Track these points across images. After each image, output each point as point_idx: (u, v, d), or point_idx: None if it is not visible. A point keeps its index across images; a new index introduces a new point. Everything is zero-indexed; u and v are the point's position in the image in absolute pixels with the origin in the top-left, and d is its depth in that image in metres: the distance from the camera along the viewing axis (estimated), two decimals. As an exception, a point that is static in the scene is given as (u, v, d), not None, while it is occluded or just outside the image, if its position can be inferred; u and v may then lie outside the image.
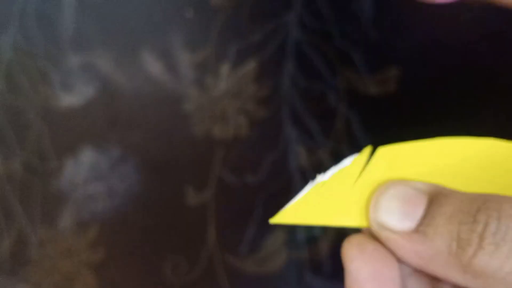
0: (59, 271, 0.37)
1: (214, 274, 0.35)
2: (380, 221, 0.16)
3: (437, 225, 0.15)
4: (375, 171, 0.17)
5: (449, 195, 0.15)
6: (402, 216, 0.15)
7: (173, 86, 0.40)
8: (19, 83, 0.42)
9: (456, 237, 0.14)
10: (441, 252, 0.15)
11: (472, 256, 0.14)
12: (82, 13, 0.44)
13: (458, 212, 0.14)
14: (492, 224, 0.14)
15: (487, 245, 0.14)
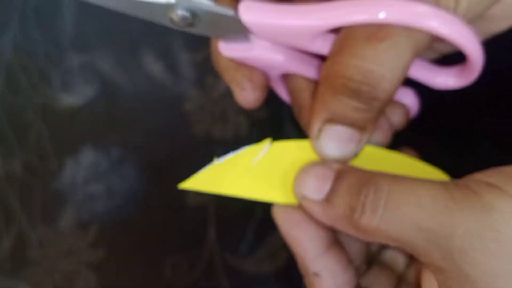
0: (59, 271, 0.37)
1: (214, 274, 0.35)
2: (302, 193, 0.21)
3: (338, 196, 0.20)
4: (266, 161, 0.23)
5: (348, 172, 0.20)
6: (316, 190, 0.21)
7: (173, 86, 0.40)
8: (19, 83, 0.42)
9: (349, 206, 0.19)
10: (341, 216, 0.20)
11: (358, 219, 0.19)
12: (83, 13, 0.44)
13: (351, 186, 0.20)
14: (370, 196, 0.19)
15: (367, 211, 0.19)
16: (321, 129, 0.21)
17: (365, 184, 0.19)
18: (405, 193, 0.18)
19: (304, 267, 0.22)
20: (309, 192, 0.21)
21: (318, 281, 0.22)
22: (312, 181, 0.21)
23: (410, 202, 0.18)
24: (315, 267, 0.22)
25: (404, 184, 0.19)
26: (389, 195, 0.19)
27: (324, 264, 0.22)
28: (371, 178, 0.19)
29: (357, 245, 0.24)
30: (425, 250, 0.18)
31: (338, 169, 0.21)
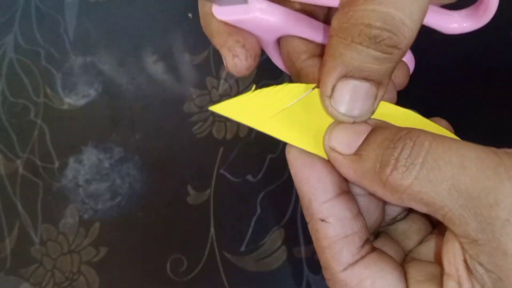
0: (60, 270, 0.37)
1: (214, 273, 0.35)
2: (332, 146, 0.19)
3: (369, 150, 0.18)
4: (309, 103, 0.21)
5: (385, 127, 0.19)
6: (347, 143, 0.19)
7: (174, 87, 0.40)
8: (20, 84, 0.42)
9: (380, 159, 0.17)
10: (369, 171, 0.18)
11: (389, 175, 0.17)
12: (84, 15, 0.44)
13: (385, 140, 0.18)
14: (406, 150, 0.17)
15: (400, 167, 0.17)
16: (335, 86, 0.19)
17: (402, 137, 0.17)
18: (449, 152, 0.17)
19: (310, 211, 0.20)
20: (339, 144, 0.19)
21: (324, 227, 0.20)
22: (344, 133, 0.19)
23: (453, 162, 0.16)
24: (323, 212, 0.20)
25: (448, 143, 0.17)
26: (429, 151, 0.17)
27: (333, 210, 0.20)
28: (411, 131, 0.18)
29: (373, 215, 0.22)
30: (461, 218, 0.16)
31: (375, 124, 0.19)
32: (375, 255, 0.20)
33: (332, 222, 0.20)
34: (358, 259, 0.20)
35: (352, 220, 0.20)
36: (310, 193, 0.20)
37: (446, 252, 0.18)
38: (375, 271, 0.20)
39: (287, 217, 0.36)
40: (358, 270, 0.20)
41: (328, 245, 0.20)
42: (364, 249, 0.20)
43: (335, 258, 0.20)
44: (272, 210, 0.36)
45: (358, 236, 0.20)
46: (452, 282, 0.17)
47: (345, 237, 0.20)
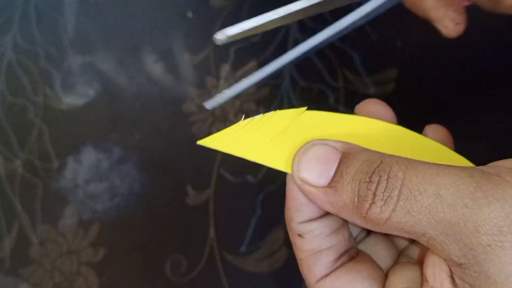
0: (59, 270, 0.37)
1: (214, 274, 0.35)
2: (302, 178, 0.19)
3: (344, 182, 0.18)
4: (300, 128, 0.21)
5: (355, 154, 0.18)
6: (318, 174, 0.19)
7: (174, 87, 0.40)
8: (20, 84, 0.42)
9: (357, 194, 0.17)
10: (348, 205, 0.18)
11: (368, 209, 0.17)
12: (83, 14, 0.44)
13: (359, 172, 0.17)
14: (382, 184, 0.17)
15: (378, 201, 0.17)
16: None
17: (376, 170, 0.17)
18: (423, 181, 0.16)
19: (289, 226, 0.21)
20: (310, 175, 0.19)
21: (300, 241, 0.20)
22: (313, 163, 0.19)
23: (429, 192, 0.16)
24: (300, 229, 0.20)
25: (422, 171, 0.17)
26: (404, 183, 0.17)
27: (310, 228, 0.20)
28: (383, 163, 0.17)
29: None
30: (443, 245, 0.16)
31: (344, 150, 0.19)
32: (351, 264, 0.21)
33: (307, 238, 0.20)
34: (331, 271, 0.20)
35: (329, 236, 0.21)
36: (293, 211, 0.21)
37: (431, 265, 0.18)
38: (346, 281, 0.20)
39: (287, 218, 0.36)
40: (330, 281, 0.20)
41: (304, 258, 0.21)
42: (340, 261, 0.21)
43: (309, 270, 0.21)
44: (272, 210, 0.36)
45: (334, 249, 0.21)
46: None
47: (319, 251, 0.20)
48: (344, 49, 0.39)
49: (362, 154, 0.18)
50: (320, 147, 0.19)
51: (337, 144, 0.19)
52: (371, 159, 0.18)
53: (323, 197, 0.19)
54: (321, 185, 0.18)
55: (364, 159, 0.18)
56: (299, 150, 0.20)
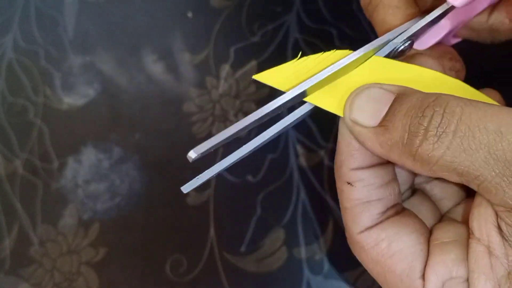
0: (59, 270, 0.37)
1: (214, 273, 0.35)
2: (353, 118, 0.18)
3: (395, 120, 0.17)
4: (357, 71, 0.20)
5: (410, 94, 0.17)
6: (370, 115, 0.18)
7: (174, 87, 0.40)
8: (20, 84, 0.42)
9: (408, 130, 0.16)
10: (397, 143, 0.17)
11: (419, 146, 0.16)
12: (83, 14, 0.44)
13: (412, 108, 0.16)
14: (436, 118, 0.16)
15: (430, 137, 0.16)
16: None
17: (431, 104, 0.16)
18: (483, 118, 0.15)
19: (339, 172, 0.20)
20: (362, 116, 0.18)
21: (349, 190, 0.19)
22: (366, 104, 0.18)
23: (489, 128, 0.15)
24: (351, 176, 0.19)
25: (482, 108, 0.16)
26: (461, 119, 0.15)
27: (361, 176, 0.19)
28: (439, 97, 0.16)
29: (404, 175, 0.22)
30: (498, 187, 0.15)
31: (399, 91, 0.18)
32: (397, 218, 0.20)
33: (357, 187, 0.19)
34: (377, 223, 0.20)
35: (379, 187, 0.20)
36: (345, 156, 0.20)
37: (477, 217, 0.17)
38: (392, 234, 0.19)
39: (287, 217, 0.36)
40: (375, 232, 0.19)
41: (350, 207, 0.20)
42: (387, 214, 0.20)
43: (354, 220, 0.20)
44: (272, 210, 0.36)
45: (383, 202, 0.20)
46: (482, 246, 0.17)
47: (367, 202, 0.20)
48: (344, 49, 0.39)
49: (417, 93, 0.17)
50: (374, 89, 0.18)
51: (391, 87, 0.18)
52: (425, 95, 0.17)
53: (373, 136, 0.18)
54: (372, 124, 0.18)
55: (418, 96, 0.17)
56: (353, 92, 0.19)
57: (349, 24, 0.39)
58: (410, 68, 0.21)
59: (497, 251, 0.16)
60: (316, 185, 0.36)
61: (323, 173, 0.36)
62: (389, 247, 0.19)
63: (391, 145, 0.17)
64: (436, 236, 0.19)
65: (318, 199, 0.36)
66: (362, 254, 0.20)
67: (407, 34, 0.22)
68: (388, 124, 0.17)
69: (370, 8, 0.26)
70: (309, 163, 0.37)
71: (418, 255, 0.19)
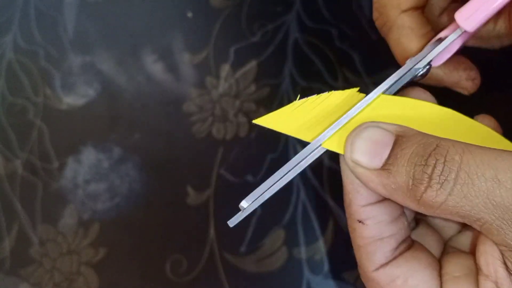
0: (59, 270, 0.37)
1: (214, 273, 0.35)
2: (354, 160, 0.19)
3: (398, 165, 0.18)
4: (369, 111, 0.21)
5: (410, 137, 0.18)
6: (372, 156, 0.18)
7: (174, 86, 0.40)
8: (20, 84, 0.42)
9: (412, 176, 0.17)
10: (401, 187, 0.18)
11: (423, 192, 0.17)
12: (83, 14, 0.44)
13: (414, 155, 0.17)
14: (438, 167, 0.17)
15: (434, 184, 0.17)
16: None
17: (433, 153, 0.17)
18: (481, 165, 0.16)
19: (349, 211, 0.20)
20: (363, 158, 0.19)
21: (361, 228, 0.20)
22: (367, 145, 0.19)
23: (487, 176, 0.16)
24: (361, 214, 0.20)
25: (479, 155, 0.16)
26: (461, 167, 0.16)
27: (372, 213, 0.20)
28: (439, 146, 0.17)
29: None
30: (499, 229, 0.16)
31: (398, 133, 0.19)
32: (409, 253, 0.20)
33: (369, 224, 0.20)
34: (391, 260, 0.20)
35: (390, 223, 0.20)
36: (352, 194, 0.20)
37: (484, 254, 0.18)
38: (407, 270, 0.20)
39: (287, 217, 0.36)
40: (390, 270, 0.20)
41: (363, 245, 0.20)
42: (399, 249, 0.20)
43: (368, 258, 0.20)
44: (272, 210, 0.36)
45: (395, 238, 0.20)
46: (490, 283, 0.18)
47: (380, 239, 0.20)
48: (344, 49, 0.39)
49: (417, 137, 0.18)
50: (374, 130, 0.19)
51: (390, 127, 0.19)
52: (426, 142, 0.18)
53: (376, 179, 0.18)
54: (374, 167, 0.18)
55: (419, 142, 0.18)
56: (352, 132, 0.20)
57: (349, 24, 0.39)
58: (402, 101, 0.21)
59: (505, 286, 0.17)
60: (316, 185, 0.36)
61: (323, 173, 0.36)
62: (405, 283, 0.20)
63: (395, 188, 0.18)
64: (447, 270, 0.20)
65: (318, 199, 0.36)
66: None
67: (426, 61, 0.23)
68: (391, 169, 0.18)
69: (385, 29, 0.26)
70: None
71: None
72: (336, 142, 0.20)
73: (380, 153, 0.18)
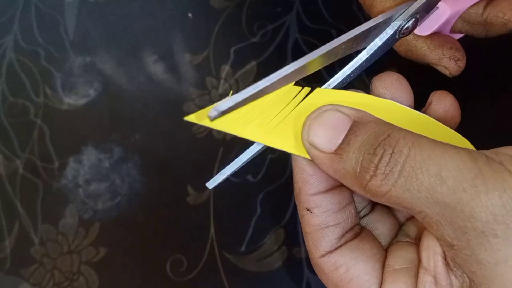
0: (60, 270, 0.37)
1: (214, 273, 0.35)
2: (310, 141, 0.19)
3: (349, 151, 0.18)
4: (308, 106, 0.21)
5: (366, 124, 0.18)
6: (327, 140, 0.19)
7: (174, 87, 0.40)
8: (20, 84, 0.42)
9: (360, 164, 0.18)
10: (350, 173, 0.18)
11: (369, 181, 0.17)
12: (84, 15, 0.44)
13: (365, 143, 0.18)
14: (385, 158, 0.17)
15: (379, 174, 0.17)
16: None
17: (382, 143, 0.17)
18: (427, 161, 0.16)
19: (298, 199, 0.21)
20: (319, 140, 0.19)
21: (308, 216, 0.21)
22: (324, 129, 0.19)
23: (431, 171, 0.16)
24: (309, 203, 0.21)
25: (427, 150, 0.17)
26: (407, 160, 0.17)
27: (319, 202, 0.21)
28: (390, 136, 0.17)
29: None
30: (439, 225, 0.16)
31: (356, 118, 0.19)
32: (355, 243, 0.21)
33: (316, 213, 0.21)
34: (336, 248, 0.21)
35: (337, 212, 0.21)
36: (301, 183, 0.21)
37: (426, 247, 0.18)
38: (350, 260, 0.20)
39: (287, 217, 0.36)
40: (334, 258, 0.21)
41: (310, 232, 0.21)
42: (345, 238, 0.21)
43: (315, 245, 0.21)
44: (272, 210, 0.36)
45: (341, 226, 0.21)
46: (429, 276, 0.18)
47: (326, 227, 0.21)
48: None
49: (372, 125, 0.18)
50: (333, 113, 0.19)
51: (349, 111, 0.19)
52: (379, 131, 0.18)
53: (328, 162, 0.19)
54: (328, 150, 0.19)
55: (372, 130, 0.18)
56: (311, 114, 0.20)
57: (349, 24, 0.39)
58: (356, 96, 0.21)
59: (443, 281, 0.17)
60: (316, 185, 0.36)
61: (323, 173, 0.36)
62: (347, 272, 0.20)
63: (344, 173, 0.18)
64: (390, 262, 0.20)
65: (318, 199, 0.36)
66: (323, 277, 0.21)
67: (411, 10, 0.22)
68: (343, 154, 0.18)
69: (368, 3, 0.26)
70: (309, 163, 0.37)
71: (374, 282, 0.20)
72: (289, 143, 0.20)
73: (335, 137, 0.19)
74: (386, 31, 0.22)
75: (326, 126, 0.19)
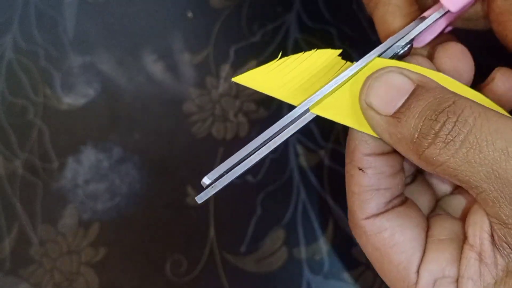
0: (59, 270, 0.37)
1: (214, 273, 0.35)
2: (368, 102, 0.18)
3: (409, 115, 0.17)
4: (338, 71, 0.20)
5: (430, 90, 0.17)
6: (386, 102, 0.18)
7: (174, 86, 0.40)
8: (20, 84, 0.42)
9: (419, 130, 0.17)
10: (406, 138, 0.17)
11: (426, 148, 0.16)
12: (83, 14, 0.44)
13: (427, 108, 0.17)
14: (447, 125, 0.16)
15: (439, 142, 0.16)
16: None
17: (446, 110, 0.16)
18: (494, 133, 0.16)
19: (351, 157, 0.20)
20: (378, 101, 0.18)
21: (360, 175, 0.20)
22: (384, 89, 0.18)
23: (497, 145, 0.15)
24: (364, 162, 0.20)
25: (495, 123, 0.16)
26: (472, 131, 0.16)
27: (374, 163, 0.20)
28: (455, 104, 0.16)
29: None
30: (495, 201, 0.16)
31: (419, 83, 0.18)
32: (401, 209, 0.20)
33: (368, 173, 0.20)
34: (382, 212, 0.20)
35: (389, 176, 0.20)
36: (358, 141, 0.20)
37: (473, 223, 0.18)
38: (396, 225, 0.20)
39: (287, 217, 0.36)
40: (380, 221, 0.20)
41: (358, 192, 0.20)
42: (392, 203, 0.20)
43: (361, 206, 0.20)
44: (272, 210, 0.36)
45: (390, 191, 0.20)
46: (473, 253, 0.17)
47: (376, 189, 0.20)
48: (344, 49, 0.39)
49: (436, 91, 0.17)
50: (396, 76, 0.18)
51: (413, 75, 0.18)
52: (443, 97, 0.17)
53: (384, 125, 0.18)
54: (386, 113, 0.18)
55: (436, 96, 0.17)
56: (373, 74, 0.19)
57: (349, 24, 0.39)
58: (414, 68, 0.21)
59: (488, 259, 0.17)
60: (316, 185, 0.36)
61: (323, 173, 0.36)
62: (392, 237, 0.19)
63: (400, 138, 0.17)
64: (433, 231, 0.20)
65: (318, 199, 0.36)
66: (363, 238, 0.20)
67: (407, 39, 0.22)
68: (401, 117, 0.17)
69: (371, 5, 0.26)
70: (309, 163, 0.37)
71: (417, 249, 0.19)
72: (342, 114, 0.20)
73: (395, 100, 0.18)
74: (385, 54, 0.22)
75: (387, 87, 0.18)
